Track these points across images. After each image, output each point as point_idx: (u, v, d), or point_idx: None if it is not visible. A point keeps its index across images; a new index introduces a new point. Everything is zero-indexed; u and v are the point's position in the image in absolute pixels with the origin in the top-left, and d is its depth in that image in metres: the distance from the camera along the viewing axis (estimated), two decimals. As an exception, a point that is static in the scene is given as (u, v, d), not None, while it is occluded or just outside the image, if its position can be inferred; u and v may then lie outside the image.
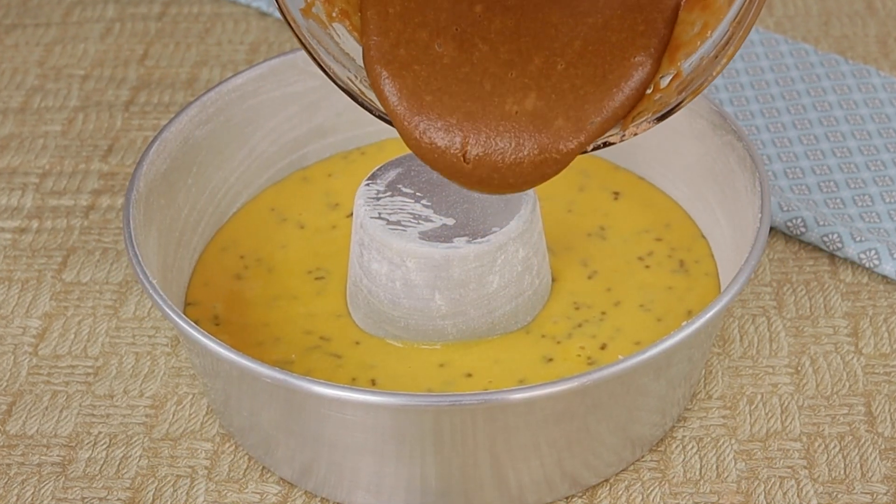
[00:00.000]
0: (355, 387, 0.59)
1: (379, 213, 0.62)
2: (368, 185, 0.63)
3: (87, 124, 0.80)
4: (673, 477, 0.60)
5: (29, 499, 0.61)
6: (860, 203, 0.71)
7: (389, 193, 0.63)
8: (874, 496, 0.59)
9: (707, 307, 0.57)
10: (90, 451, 0.62)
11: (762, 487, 0.60)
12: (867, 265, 0.68)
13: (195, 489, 0.61)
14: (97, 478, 0.61)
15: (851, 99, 0.78)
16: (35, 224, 0.74)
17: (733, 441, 0.62)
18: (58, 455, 0.62)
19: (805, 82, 0.79)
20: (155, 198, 0.65)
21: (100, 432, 0.63)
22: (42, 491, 0.61)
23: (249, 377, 0.57)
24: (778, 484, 0.60)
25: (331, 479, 0.59)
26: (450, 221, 0.62)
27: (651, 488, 0.60)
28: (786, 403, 0.63)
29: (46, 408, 0.64)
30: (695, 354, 0.60)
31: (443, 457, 0.57)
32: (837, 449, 0.61)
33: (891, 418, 0.62)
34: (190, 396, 0.65)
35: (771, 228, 0.71)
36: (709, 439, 0.62)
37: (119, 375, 0.66)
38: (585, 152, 0.58)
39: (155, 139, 0.66)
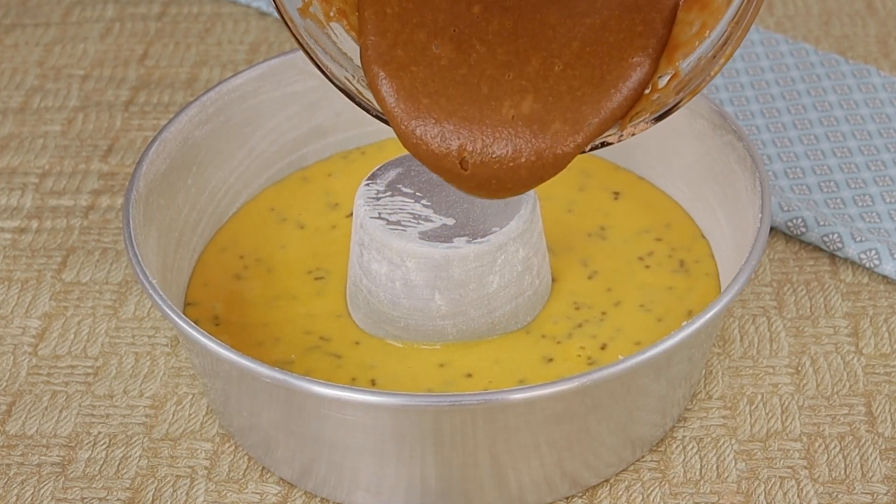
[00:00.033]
0: (355, 387, 0.59)
1: (379, 213, 0.62)
2: (368, 185, 0.63)
3: (87, 124, 0.80)
4: (673, 477, 0.60)
5: (28, 499, 0.60)
6: (860, 203, 0.71)
7: (389, 193, 0.63)
8: (874, 496, 0.59)
9: (707, 307, 0.57)
10: (90, 452, 0.62)
11: (762, 488, 0.60)
12: (867, 265, 0.68)
13: (195, 489, 0.61)
14: (97, 478, 0.61)
15: (852, 99, 0.78)
16: (35, 224, 0.74)
17: (733, 441, 0.62)
18: (57, 455, 0.62)
19: (805, 82, 0.79)
20: (155, 198, 0.64)
21: (99, 432, 0.63)
22: (42, 491, 0.61)
23: (249, 377, 0.57)
24: (778, 484, 0.60)
25: (331, 480, 0.59)
26: (450, 221, 0.62)
27: (651, 488, 0.60)
28: (786, 403, 0.63)
29: (46, 408, 0.64)
30: (695, 354, 0.60)
31: (443, 457, 0.57)
32: (838, 449, 0.61)
33: (891, 418, 0.62)
34: (190, 396, 0.64)
35: (771, 228, 0.71)
36: (709, 439, 0.62)
37: (119, 375, 0.66)
38: (583, 152, 0.58)
39: (155, 139, 0.66)
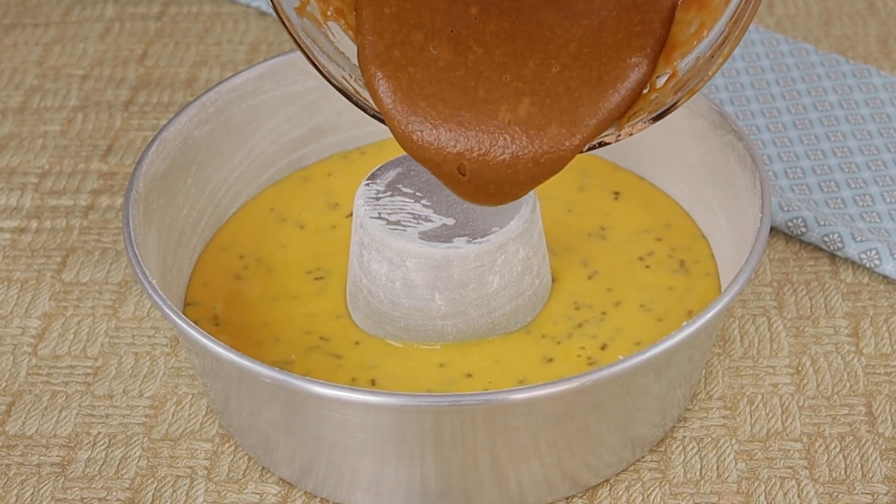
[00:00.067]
0: (355, 387, 0.59)
1: (379, 213, 0.62)
2: (368, 185, 0.63)
3: (87, 124, 0.80)
4: (673, 477, 0.60)
5: (28, 499, 0.60)
6: (861, 203, 0.71)
7: (389, 193, 0.63)
8: (875, 496, 0.59)
9: (707, 307, 0.57)
10: (89, 452, 0.62)
11: (763, 488, 0.60)
12: (868, 265, 0.68)
13: (195, 489, 0.61)
14: (96, 478, 0.61)
15: (852, 99, 0.78)
16: (34, 224, 0.74)
17: (734, 441, 0.62)
18: (57, 455, 0.62)
19: (806, 82, 0.79)
20: (154, 198, 0.64)
21: (99, 433, 0.63)
22: (41, 491, 0.61)
23: (249, 377, 0.57)
24: (778, 484, 0.60)
25: (330, 480, 0.59)
26: (450, 221, 0.61)
27: (651, 489, 0.60)
28: (786, 404, 0.63)
29: (46, 408, 0.64)
30: (695, 355, 0.60)
31: (443, 457, 0.57)
32: (838, 449, 0.61)
33: (891, 419, 0.62)
34: (189, 397, 0.64)
35: (771, 228, 0.71)
36: (709, 440, 0.62)
37: (118, 376, 0.66)
38: (581, 152, 0.58)
39: (154, 139, 0.65)
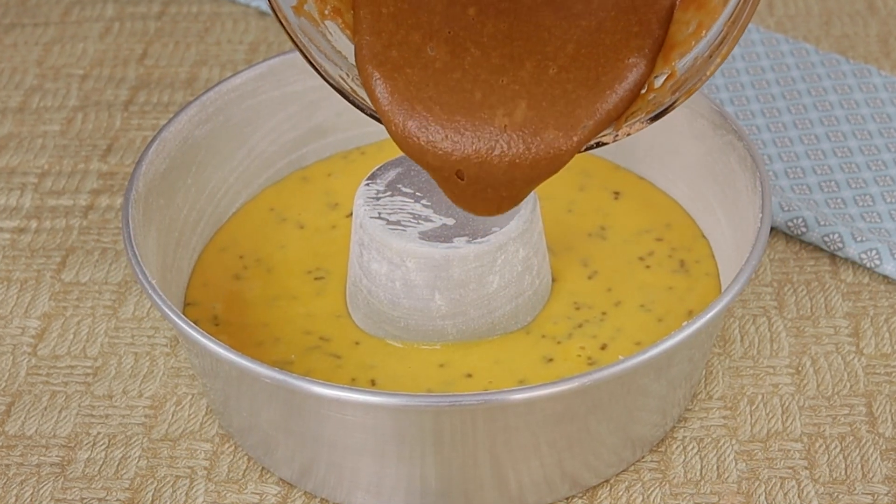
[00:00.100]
0: (355, 387, 0.59)
1: (379, 213, 0.62)
2: (368, 185, 0.63)
3: (86, 124, 0.80)
4: (673, 477, 0.60)
5: (28, 499, 0.60)
6: (861, 203, 0.71)
7: (389, 193, 0.63)
8: (875, 497, 0.59)
9: (708, 307, 0.57)
10: (89, 452, 0.62)
11: (763, 488, 0.60)
12: (868, 265, 0.68)
13: (194, 490, 0.60)
14: (96, 478, 0.61)
15: (852, 99, 0.78)
16: (34, 224, 0.74)
17: (734, 441, 0.62)
18: (57, 455, 0.62)
19: (806, 82, 0.79)
20: (154, 198, 0.64)
21: (99, 433, 0.63)
22: (41, 491, 0.61)
23: (249, 377, 0.56)
24: (779, 484, 0.60)
25: (330, 480, 0.59)
26: (450, 221, 0.61)
27: (651, 489, 0.60)
28: (787, 404, 0.63)
29: (45, 408, 0.64)
30: (695, 355, 0.60)
31: (443, 457, 0.57)
32: (838, 449, 0.61)
33: (892, 419, 0.62)
34: (189, 397, 0.64)
35: (772, 228, 0.71)
36: (709, 440, 0.62)
37: (118, 376, 0.66)
38: (579, 152, 0.58)
39: (154, 139, 0.65)
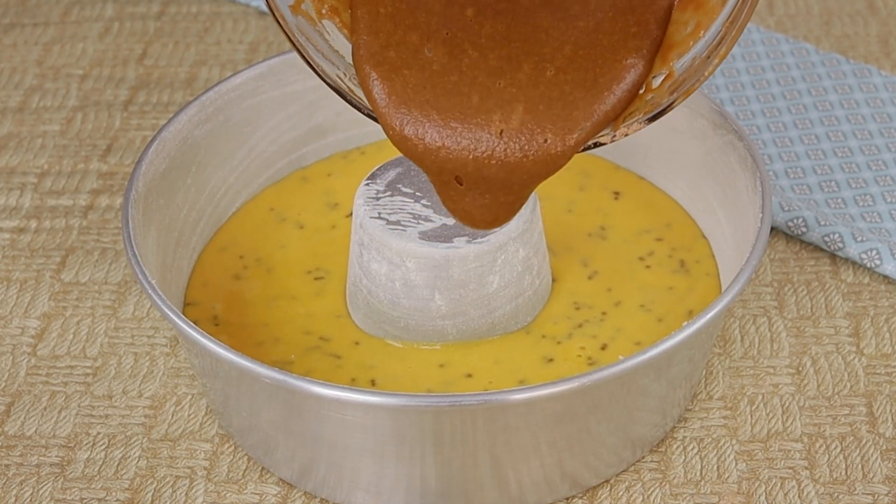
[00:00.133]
0: (355, 387, 0.59)
1: (378, 213, 0.62)
2: (368, 185, 0.63)
3: (86, 124, 0.80)
4: (673, 478, 0.60)
5: (27, 499, 0.60)
6: (861, 203, 0.71)
7: (389, 193, 0.63)
8: (875, 497, 0.59)
9: (708, 307, 0.57)
10: (89, 452, 0.62)
11: (763, 488, 0.60)
12: (868, 265, 0.68)
13: (194, 490, 0.60)
14: (96, 478, 0.61)
15: (853, 98, 0.78)
16: (34, 224, 0.74)
17: (734, 442, 0.61)
18: (56, 456, 0.62)
19: (806, 82, 0.79)
20: (154, 198, 0.64)
21: (98, 433, 0.63)
22: (41, 492, 0.61)
23: (249, 378, 0.56)
24: (779, 485, 0.60)
25: (330, 480, 0.59)
26: (450, 221, 0.61)
27: (652, 489, 0.60)
28: (787, 404, 0.63)
29: (45, 408, 0.64)
30: (695, 355, 0.60)
31: (443, 457, 0.57)
32: (839, 450, 0.61)
33: (892, 419, 0.62)
34: (189, 397, 0.64)
35: (772, 228, 0.71)
36: (709, 440, 0.62)
37: (118, 376, 0.66)
38: (577, 153, 0.58)
39: (154, 139, 0.65)
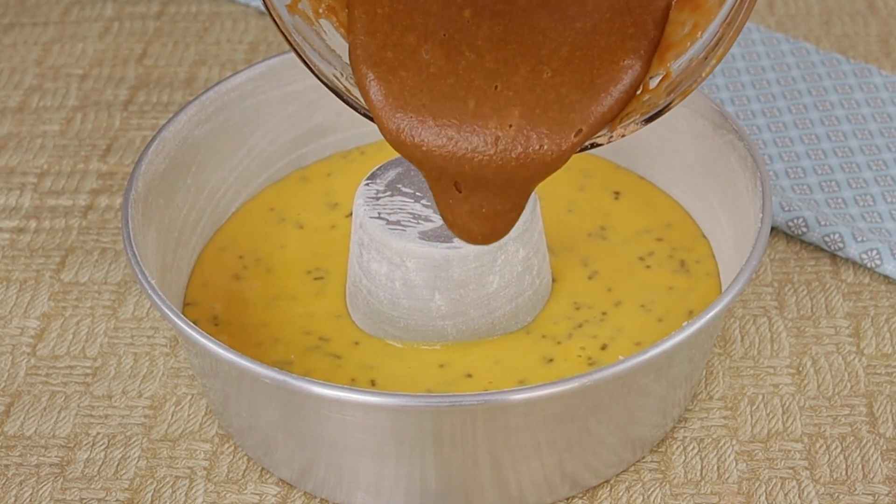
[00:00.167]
0: (355, 387, 0.59)
1: (378, 213, 0.62)
2: (368, 185, 0.63)
3: (86, 124, 0.80)
4: (674, 478, 0.60)
5: (27, 500, 0.60)
6: (862, 203, 0.71)
7: (389, 193, 0.63)
8: (876, 497, 0.59)
9: (708, 307, 0.57)
10: (88, 452, 0.62)
11: (763, 488, 0.60)
12: (869, 265, 0.68)
13: (194, 490, 0.60)
14: (96, 479, 0.61)
15: (853, 98, 0.78)
16: (33, 224, 0.74)
17: (734, 442, 0.61)
18: (56, 456, 0.62)
19: (806, 82, 0.79)
20: (153, 198, 0.64)
21: (98, 433, 0.63)
22: (40, 492, 0.61)
23: (248, 378, 0.56)
24: (779, 485, 0.60)
25: (330, 480, 0.59)
26: (450, 221, 0.61)
27: (652, 489, 0.60)
28: (787, 404, 0.63)
29: (45, 408, 0.64)
30: (696, 355, 0.60)
31: (443, 457, 0.57)
32: (839, 450, 0.61)
33: (892, 419, 0.62)
34: (189, 397, 0.64)
35: (772, 228, 0.71)
36: (710, 440, 0.62)
37: (118, 376, 0.65)
38: (574, 153, 0.58)
39: (153, 139, 0.65)
